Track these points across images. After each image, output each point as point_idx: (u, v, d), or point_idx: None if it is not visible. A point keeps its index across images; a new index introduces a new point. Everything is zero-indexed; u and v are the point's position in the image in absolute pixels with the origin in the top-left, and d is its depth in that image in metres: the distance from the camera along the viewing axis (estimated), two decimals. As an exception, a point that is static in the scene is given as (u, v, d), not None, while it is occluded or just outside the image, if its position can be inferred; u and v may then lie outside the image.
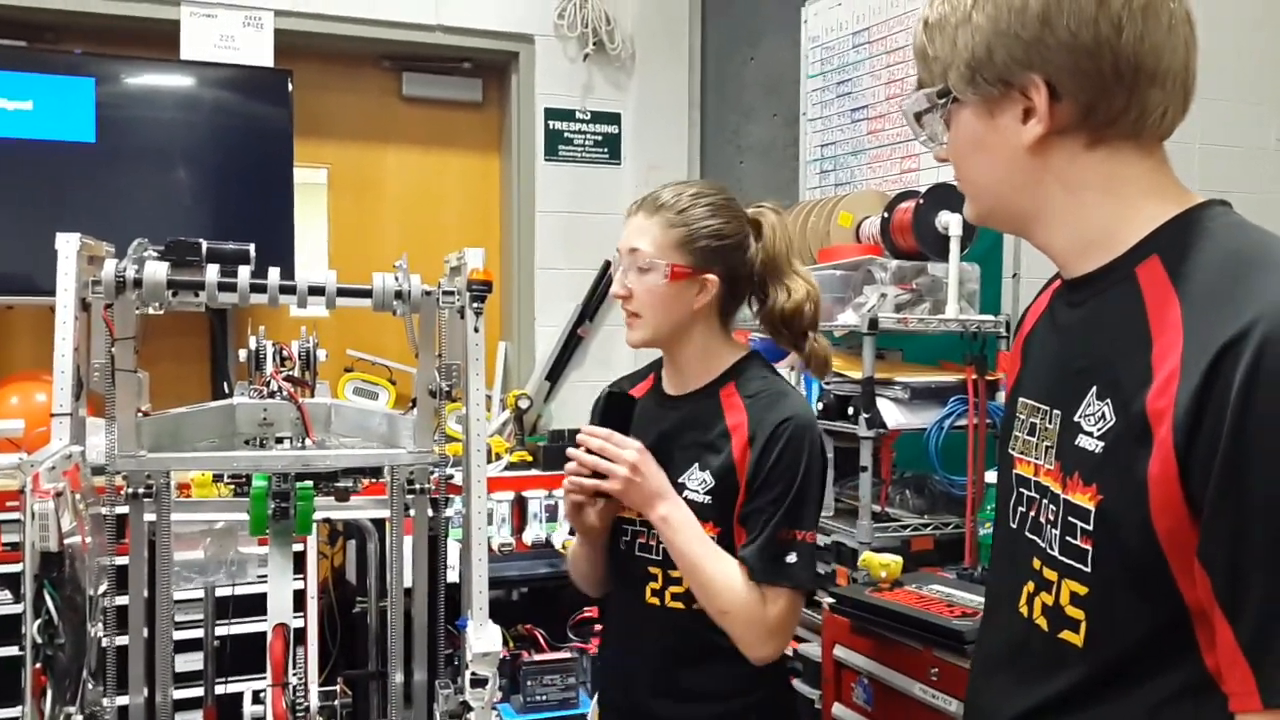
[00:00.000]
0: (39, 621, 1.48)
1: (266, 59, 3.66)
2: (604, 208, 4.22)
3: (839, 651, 2.16)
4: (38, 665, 1.48)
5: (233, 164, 3.54)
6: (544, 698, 3.61)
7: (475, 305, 1.89)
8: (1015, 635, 1.03)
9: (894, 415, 2.38)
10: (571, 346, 4.20)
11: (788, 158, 3.91)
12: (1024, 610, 1.02)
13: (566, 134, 4.19)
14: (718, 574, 1.48)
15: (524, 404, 3.96)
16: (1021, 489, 1.05)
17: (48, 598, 1.48)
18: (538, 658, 3.62)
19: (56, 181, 3.32)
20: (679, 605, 1.55)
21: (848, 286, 2.51)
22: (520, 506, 3.71)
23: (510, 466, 3.67)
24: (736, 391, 1.57)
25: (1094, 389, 0.94)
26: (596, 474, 1.51)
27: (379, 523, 3.09)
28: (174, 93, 3.54)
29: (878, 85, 3.05)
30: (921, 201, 2.47)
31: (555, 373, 4.17)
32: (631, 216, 1.60)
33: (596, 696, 1.83)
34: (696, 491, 1.53)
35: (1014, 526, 1.06)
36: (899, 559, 2.13)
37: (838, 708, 2.18)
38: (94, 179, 3.36)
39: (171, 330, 3.65)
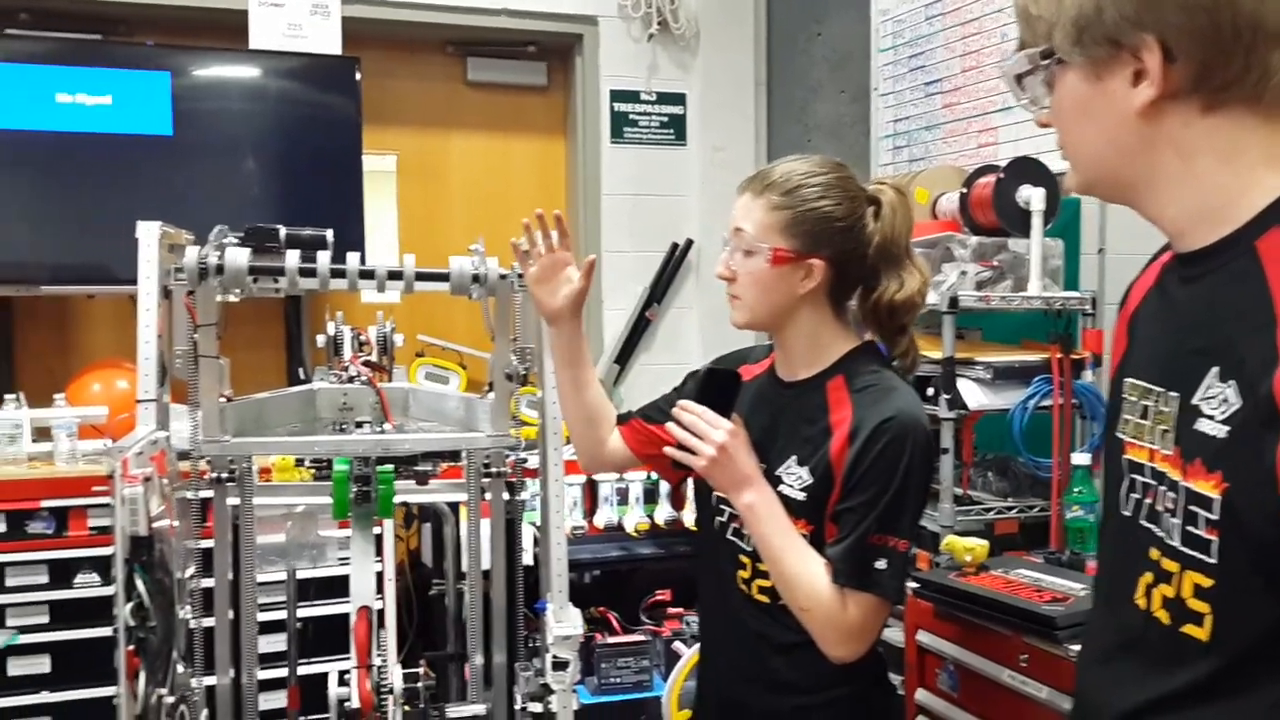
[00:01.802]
0: (130, 605, 1.50)
1: (334, 47, 3.68)
2: (670, 189, 4.19)
3: (922, 637, 2.12)
4: (130, 648, 1.51)
5: (303, 153, 3.57)
6: (618, 680, 3.61)
7: (550, 288, 1.88)
8: (1131, 628, 0.99)
9: (976, 396, 2.32)
10: (640, 329, 4.18)
11: (857, 135, 3.84)
12: (1141, 602, 0.97)
13: (631, 116, 4.16)
14: (801, 570, 1.42)
15: (593, 387, 3.95)
16: (1134, 475, 1.00)
17: (138, 581, 1.51)
18: (611, 640, 3.62)
19: (134, 174, 3.38)
20: (764, 599, 1.50)
21: (926, 264, 2.45)
22: (591, 490, 3.70)
23: (581, 450, 3.66)
24: (845, 385, 1.48)
25: (1214, 370, 0.89)
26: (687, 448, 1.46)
27: (454, 506, 3.11)
28: (246, 83, 3.58)
29: (952, 58, 2.98)
30: (1002, 176, 2.40)
31: (624, 356, 4.16)
32: (740, 194, 1.52)
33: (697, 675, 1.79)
34: (792, 487, 1.47)
35: (1127, 514, 1.01)
36: (985, 543, 2.08)
37: (921, 693, 2.15)
38: (170, 171, 3.41)
39: (247, 318, 3.70)
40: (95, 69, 3.34)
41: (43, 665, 2.97)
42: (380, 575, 3.00)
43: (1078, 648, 1.80)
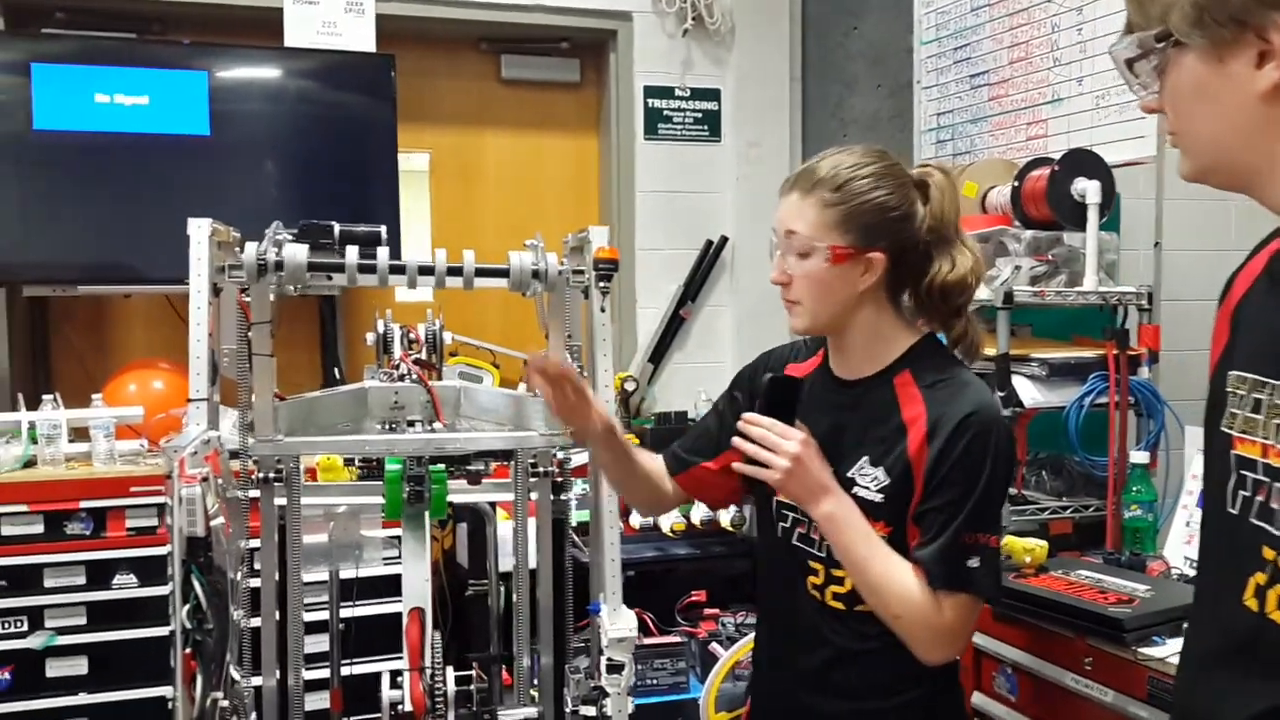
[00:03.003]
0: (187, 607, 1.48)
1: (369, 44, 3.66)
2: (705, 186, 4.15)
3: (979, 639, 2.08)
4: (187, 650, 1.48)
5: (339, 152, 3.55)
6: (654, 682, 3.57)
7: (601, 285, 1.86)
8: (1239, 631, 0.94)
9: (1031, 393, 2.28)
10: (673, 328, 4.14)
11: (893, 129, 3.80)
12: (1251, 604, 0.93)
13: (665, 112, 4.12)
14: (889, 577, 1.38)
15: (629, 386, 3.92)
16: (1244, 471, 0.96)
17: (195, 583, 1.48)
18: (647, 641, 3.57)
19: (171, 174, 3.36)
20: (839, 605, 1.46)
21: (977, 245, 2.40)
22: (627, 490, 3.68)
23: (617, 449, 3.63)
24: (913, 380, 1.44)
25: None
26: (756, 462, 1.40)
27: (493, 506, 3.08)
28: (282, 81, 3.56)
29: (999, 49, 2.93)
30: (1057, 168, 2.36)
31: (658, 355, 4.12)
32: (785, 194, 1.46)
33: (749, 683, 1.74)
34: (868, 489, 1.42)
35: (1234, 512, 0.97)
36: (1044, 543, 2.04)
37: (978, 696, 2.10)
38: (207, 171, 3.39)
39: (281, 317, 3.69)
40: (132, 68, 3.33)
41: (80, 667, 2.96)
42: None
43: (1146, 651, 1.77)
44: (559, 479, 2.17)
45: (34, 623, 2.93)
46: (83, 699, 2.94)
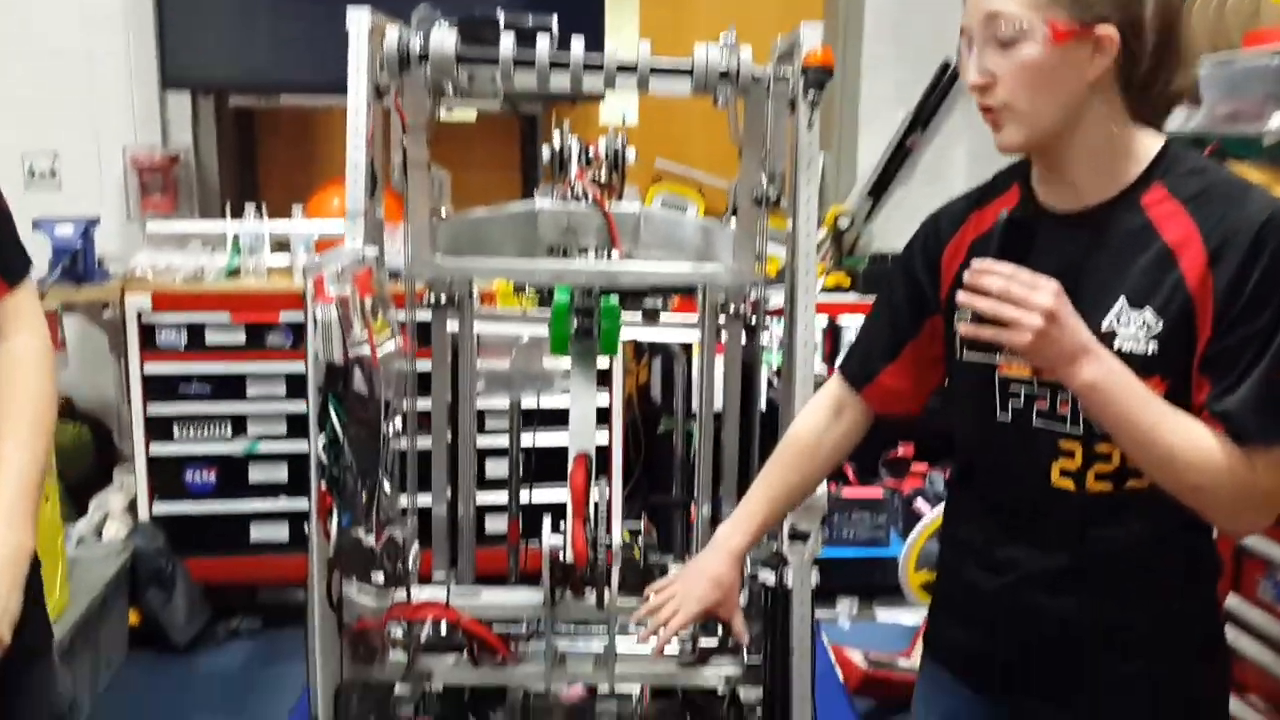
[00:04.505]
0: (323, 440, 1.36)
1: None
2: (946, -4, 3.66)
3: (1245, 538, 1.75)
4: (323, 485, 1.37)
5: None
6: (851, 534, 3.41)
7: (810, 96, 1.56)
8: None
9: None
10: (899, 159, 3.75)
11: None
12: None
13: (909, -97, 3.63)
14: (1184, 442, 1.11)
15: (843, 223, 3.61)
16: None
17: (332, 413, 1.36)
18: (846, 493, 3.39)
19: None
20: (1104, 486, 1.19)
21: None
22: (833, 334, 3.43)
23: (825, 290, 3.36)
24: (1169, 194, 1.15)
25: None
26: (992, 321, 1.12)
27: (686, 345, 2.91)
28: None
29: None
30: None
31: (879, 189, 3.76)
32: None
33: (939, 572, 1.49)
34: (1136, 339, 1.13)
35: None
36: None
37: (1234, 599, 1.79)
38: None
39: (481, 136, 3.57)
40: None
41: (280, 474, 3.05)
42: (605, 409, 2.86)
43: None
44: (752, 321, 1.94)
45: (237, 429, 3.03)
46: (283, 503, 3.05)
